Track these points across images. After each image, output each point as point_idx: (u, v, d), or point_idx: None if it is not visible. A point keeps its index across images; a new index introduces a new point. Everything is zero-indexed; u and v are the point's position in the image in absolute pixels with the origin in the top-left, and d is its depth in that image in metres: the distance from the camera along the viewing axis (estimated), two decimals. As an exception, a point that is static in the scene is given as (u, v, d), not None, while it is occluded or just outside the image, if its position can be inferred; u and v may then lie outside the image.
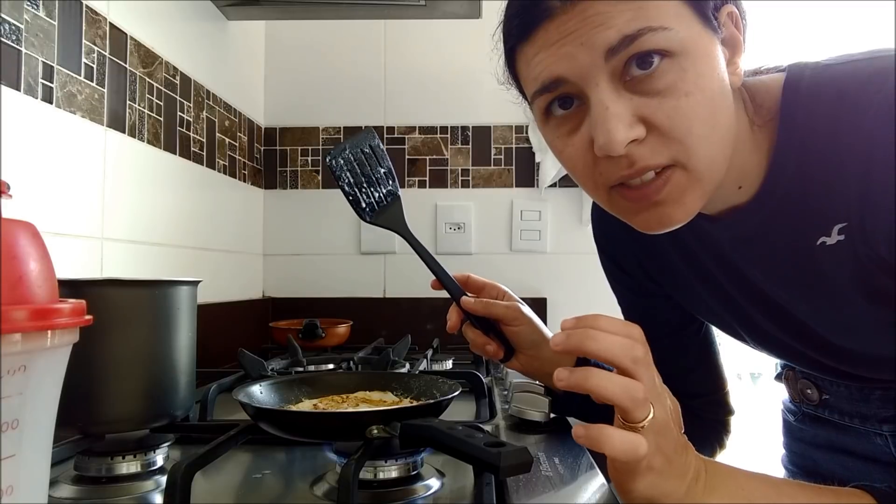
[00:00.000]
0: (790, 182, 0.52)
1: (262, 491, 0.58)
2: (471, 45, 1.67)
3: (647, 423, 0.43)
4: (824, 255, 0.52)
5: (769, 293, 0.60)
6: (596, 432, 0.43)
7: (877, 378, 0.62)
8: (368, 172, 0.70)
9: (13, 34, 0.76)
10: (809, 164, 0.51)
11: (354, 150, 0.69)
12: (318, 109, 1.70)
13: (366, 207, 0.69)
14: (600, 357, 0.44)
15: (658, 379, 0.47)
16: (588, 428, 0.43)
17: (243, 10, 1.41)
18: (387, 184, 0.71)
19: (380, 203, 0.70)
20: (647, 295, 0.76)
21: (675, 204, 0.48)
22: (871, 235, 0.49)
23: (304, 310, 1.52)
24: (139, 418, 0.60)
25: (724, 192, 0.55)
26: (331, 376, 0.74)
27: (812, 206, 0.51)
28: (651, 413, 0.44)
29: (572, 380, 0.43)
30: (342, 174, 0.68)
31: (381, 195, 0.70)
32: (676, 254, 0.67)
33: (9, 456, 0.30)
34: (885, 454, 0.65)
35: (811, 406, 0.73)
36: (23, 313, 0.30)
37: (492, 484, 0.54)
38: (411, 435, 0.52)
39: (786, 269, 0.56)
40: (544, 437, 0.72)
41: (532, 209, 1.67)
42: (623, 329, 0.45)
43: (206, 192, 1.33)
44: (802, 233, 0.53)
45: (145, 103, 1.07)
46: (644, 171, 0.47)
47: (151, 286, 0.62)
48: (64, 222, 0.87)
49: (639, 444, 0.43)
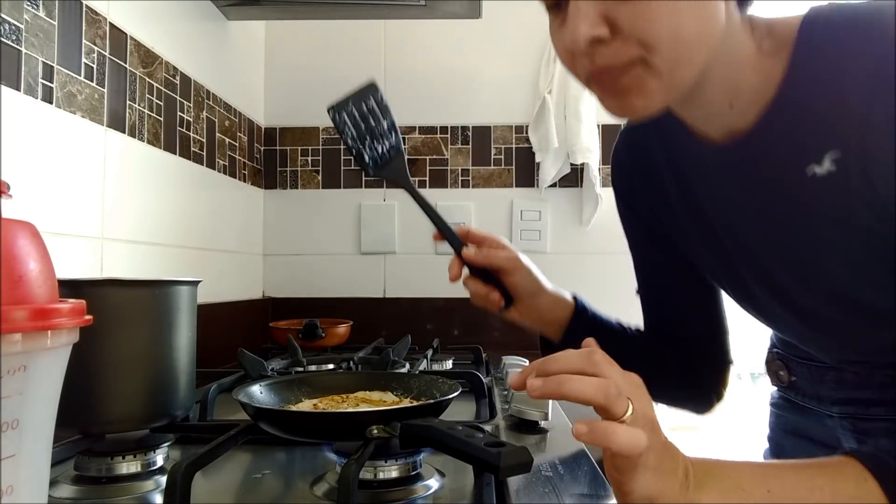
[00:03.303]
0: (792, 109, 0.53)
1: (262, 491, 0.58)
2: (471, 45, 1.67)
3: (629, 418, 0.44)
4: (811, 186, 0.52)
5: (745, 232, 0.60)
6: (601, 427, 0.43)
7: (834, 357, 0.65)
8: (372, 126, 0.70)
9: (13, 34, 0.76)
10: (813, 93, 0.51)
11: (358, 104, 0.69)
12: (318, 109, 1.68)
13: (369, 161, 0.70)
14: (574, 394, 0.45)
15: (636, 378, 0.48)
16: (591, 423, 0.44)
17: (243, 10, 1.41)
18: (390, 138, 0.71)
19: (383, 157, 0.71)
20: (656, 241, 0.76)
21: (638, 94, 0.50)
22: (869, 166, 0.49)
23: (304, 310, 1.52)
24: (139, 418, 0.60)
25: (715, 109, 0.56)
26: (331, 376, 0.74)
27: (808, 133, 0.52)
28: (630, 407, 0.45)
29: (546, 389, 0.45)
30: (345, 129, 0.69)
31: (384, 150, 0.71)
32: (675, 191, 0.67)
33: (9, 456, 0.30)
34: (833, 438, 0.68)
35: (783, 389, 0.76)
36: (23, 313, 0.30)
37: (492, 484, 0.54)
38: (411, 435, 0.52)
39: (767, 202, 0.57)
40: (544, 437, 0.72)
41: (532, 209, 1.67)
42: (572, 357, 0.47)
43: (206, 192, 1.33)
44: (793, 163, 0.53)
45: (145, 103, 1.07)
46: (605, 69, 0.50)
47: (151, 286, 0.62)
48: (64, 222, 0.87)
49: (640, 437, 0.43)
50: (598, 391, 0.44)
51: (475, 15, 1.42)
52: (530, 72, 1.67)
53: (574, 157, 1.58)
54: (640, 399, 0.46)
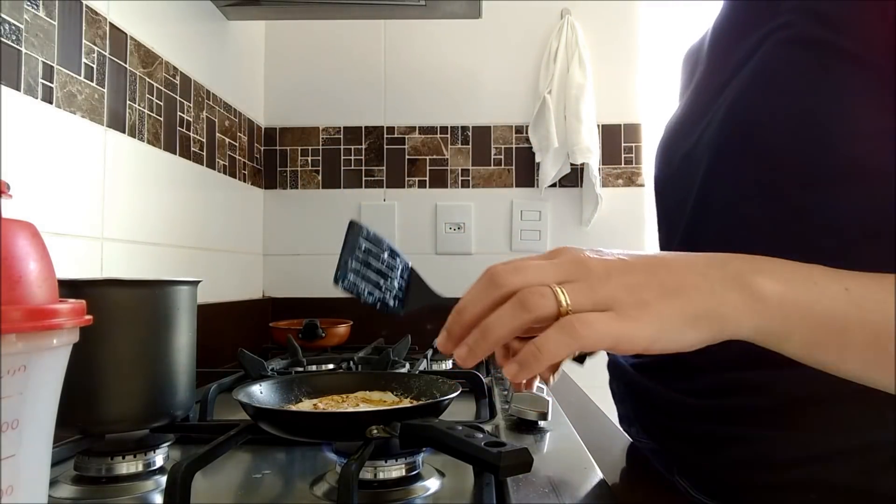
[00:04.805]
0: None
1: (262, 491, 0.58)
2: (471, 45, 1.67)
3: (567, 307, 0.37)
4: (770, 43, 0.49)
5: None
6: (525, 356, 0.38)
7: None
8: (378, 267, 0.67)
9: (13, 34, 0.76)
10: None
11: (355, 257, 0.67)
12: (318, 109, 1.70)
13: (394, 304, 0.67)
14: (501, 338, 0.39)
15: (564, 251, 0.42)
16: (515, 359, 0.39)
17: (243, 10, 1.41)
18: (396, 264, 0.68)
19: (401, 287, 0.68)
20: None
21: None
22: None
23: (304, 310, 1.52)
24: (139, 418, 0.60)
25: None
26: (331, 376, 0.74)
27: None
28: (561, 294, 0.38)
29: (476, 354, 0.41)
30: (360, 290, 0.66)
31: (398, 281, 0.68)
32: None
33: (9, 456, 0.30)
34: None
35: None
36: (23, 313, 0.30)
37: (492, 484, 0.54)
38: (411, 435, 0.52)
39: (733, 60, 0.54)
40: (544, 437, 0.72)
41: (532, 209, 1.67)
42: (474, 295, 0.42)
43: (206, 192, 1.33)
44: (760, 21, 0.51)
45: (145, 103, 1.07)
46: None
47: (151, 286, 0.62)
48: (64, 222, 0.87)
49: (575, 326, 0.36)
50: (515, 316, 0.38)
51: (475, 15, 1.42)
52: (530, 72, 1.67)
53: (574, 157, 1.58)
54: (573, 268, 0.39)
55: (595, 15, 1.67)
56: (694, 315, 0.37)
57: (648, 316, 0.37)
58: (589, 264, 0.40)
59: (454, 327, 0.42)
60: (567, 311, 0.37)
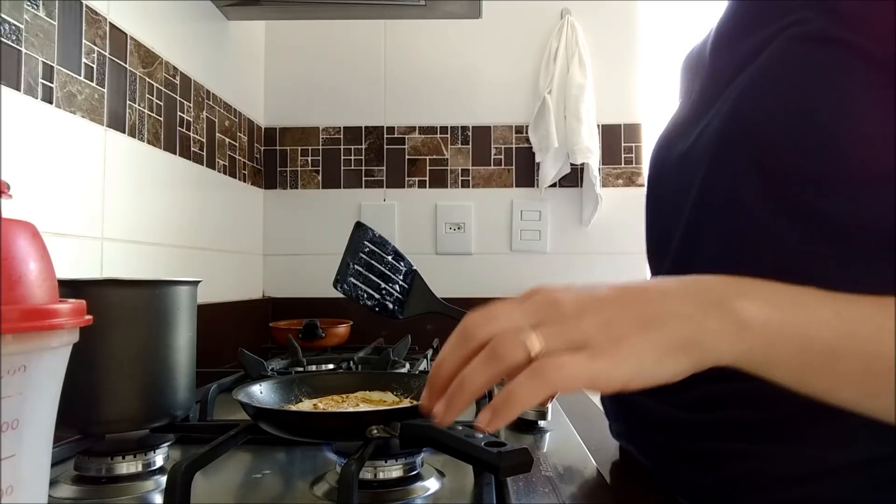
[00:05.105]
0: None
1: (262, 491, 0.58)
2: (471, 45, 1.67)
3: (539, 352, 0.36)
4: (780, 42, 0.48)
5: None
6: (497, 404, 0.37)
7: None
8: (379, 270, 0.66)
9: (13, 34, 0.76)
10: None
11: (358, 259, 0.66)
12: (318, 109, 1.70)
13: (394, 308, 0.66)
14: (476, 392, 0.39)
15: (538, 291, 0.40)
16: (488, 408, 0.37)
17: (243, 10, 1.41)
18: (400, 267, 0.67)
19: (402, 292, 0.67)
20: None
21: None
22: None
23: (304, 310, 1.52)
24: (139, 418, 0.60)
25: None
26: (331, 376, 0.74)
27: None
28: (532, 339, 0.36)
29: (452, 412, 0.40)
30: (358, 293, 0.65)
31: (400, 285, 0.67)
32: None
33: (9, 456, 0.30)
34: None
35: None
36: (23, 313, 0.30)
37: (492, 484, 0.54)
38: (411, 435, 0.52)
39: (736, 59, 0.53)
40: (544, 437, 0.72)
41: (532, 209, 1.67)
42: (449, 349, 0.41)
43: (206, 192, 1.33)
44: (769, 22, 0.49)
45: (145, 103, 1.07)
46: None
47: (151, 286, 0.62)
48: (64, 222, 0.87)
49: (547, 372, 0.35)
50: (488, 367, 0.37)
51: (475, 15, 1.42)
52: (530, 72, 1.67)
53: (574, 157, 1.58)
54: (545, 309, 0.38)
55: (595, 15, 1.67)
56: (671, 345, 0.36)
57: (623, 352, 0.36)
58: (561, 304, 0.38)
59: (435, 382, 0.41)
60: (538, 356, 0.36)
